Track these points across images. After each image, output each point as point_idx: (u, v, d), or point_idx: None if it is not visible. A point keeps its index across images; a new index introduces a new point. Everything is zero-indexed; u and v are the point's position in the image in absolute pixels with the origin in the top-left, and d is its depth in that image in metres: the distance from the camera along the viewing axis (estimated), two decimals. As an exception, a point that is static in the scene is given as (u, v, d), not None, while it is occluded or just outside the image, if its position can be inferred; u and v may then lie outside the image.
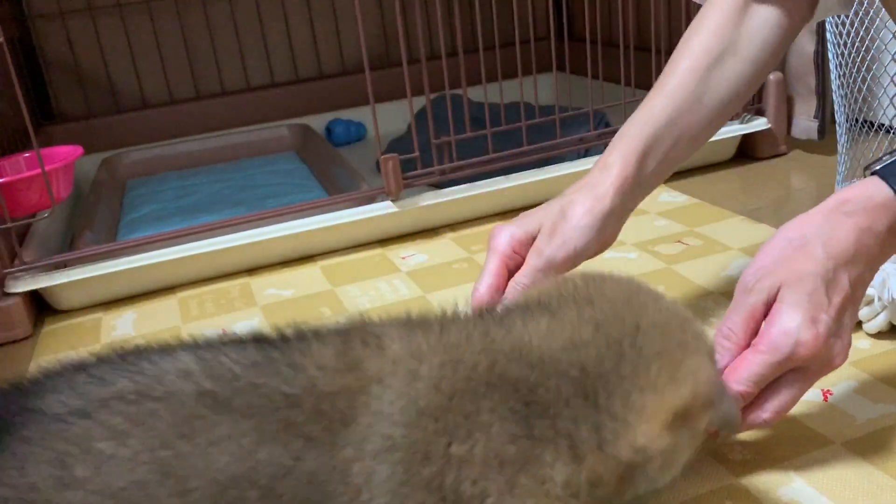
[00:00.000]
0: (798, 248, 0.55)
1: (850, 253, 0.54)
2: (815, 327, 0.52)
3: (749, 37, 0.73)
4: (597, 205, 0.68)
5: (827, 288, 0.53)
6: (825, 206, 0.56)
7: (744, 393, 0.54)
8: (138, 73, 1.63)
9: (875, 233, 0.54)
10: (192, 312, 0.98)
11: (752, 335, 0.55)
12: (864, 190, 0.55)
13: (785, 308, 0.53)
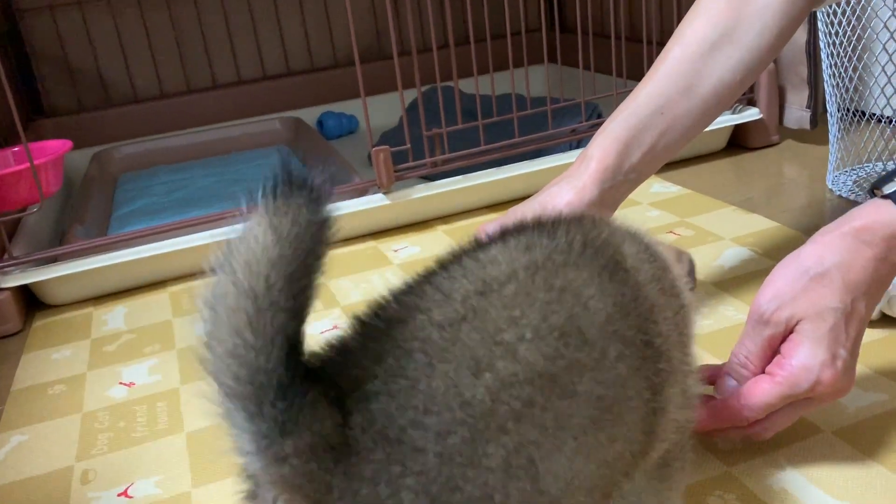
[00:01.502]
0: (816, 280, 0.54)
1: (867, 283, 0.54)
2: (834, 365, 0.53)
3: (749, 23, 0.72)
4: (576, 197, 0.68)
5: (846, 322, 0.54)
6: (842, 232, 0.55)
7: (753, 418, 0.55)
8: (129, 67, 1.62)
9: (890, 262, 0.55)
10: (183, 306, 0.97)
11: (767, 363, 0.56)
12: (880, 217, 0.54)
13: (807, 343, 0.53)
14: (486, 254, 0.42)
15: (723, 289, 0.86)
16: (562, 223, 0.47)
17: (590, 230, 0.48)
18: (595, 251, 0.45)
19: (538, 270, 0.41)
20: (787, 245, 0.94)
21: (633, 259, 0.47)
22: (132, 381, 0.81)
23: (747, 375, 0.57)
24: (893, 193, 0.55)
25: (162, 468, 0.67)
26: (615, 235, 0.49)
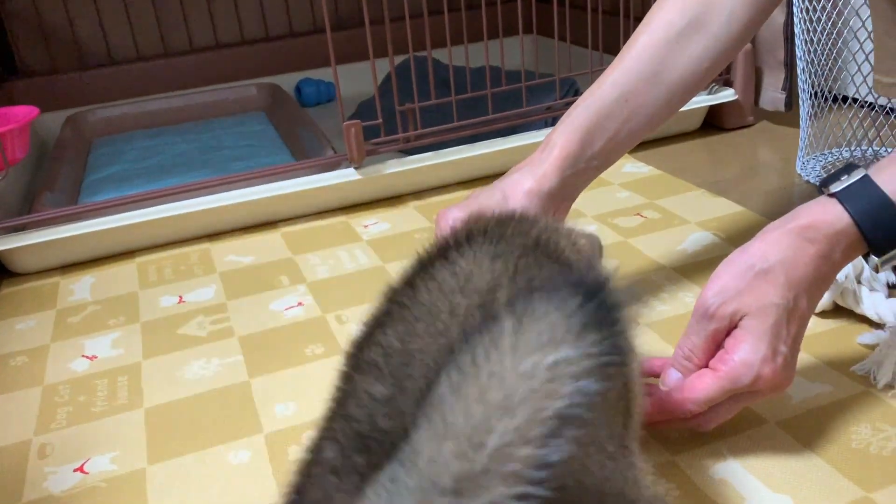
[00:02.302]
0: (761, 276, 0.55)
1: (810, 281, 0.55)
2: (774, 361, 0.54)
3: (717, 11, 0.72)
4: (537, 185, 0.68)
5: (788, 318, 0.55)
6: (787, 229, 0.56)
7: (696, 411, 0.56)
8: (104, 29, 1.60)
9: (832, 260, 0.56)
10: (150, 278, 0.98)
11: (712, 356, 0.57)
12: (825, 216, 0.55)
13: (749, 339, 0.54)
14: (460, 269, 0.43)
15: (683, 274, 0.87)
16: (510, 224, 0.49)
17: (534, 230, 0.50)
18: (547, 251, 0.47)
19: (516, 277, 0.42)
20: (751, 231, 0.94)
21: (570, 254, 0.49)
22: (95, 355, 0.82)
23: (691, 368, 0.58)
24: (839, 192, 0.56)
25: (119, 444, 0.68)
26: (553, 232, 0.51)
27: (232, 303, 0.90)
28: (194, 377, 0.76)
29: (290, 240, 1.05)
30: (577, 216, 1.04)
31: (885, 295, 0.74)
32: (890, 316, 0.72)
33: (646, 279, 0.87)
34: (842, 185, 0.56)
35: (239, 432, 0.68)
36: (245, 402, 0.72)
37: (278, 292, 0.91)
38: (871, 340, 0.71)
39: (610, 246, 0.95)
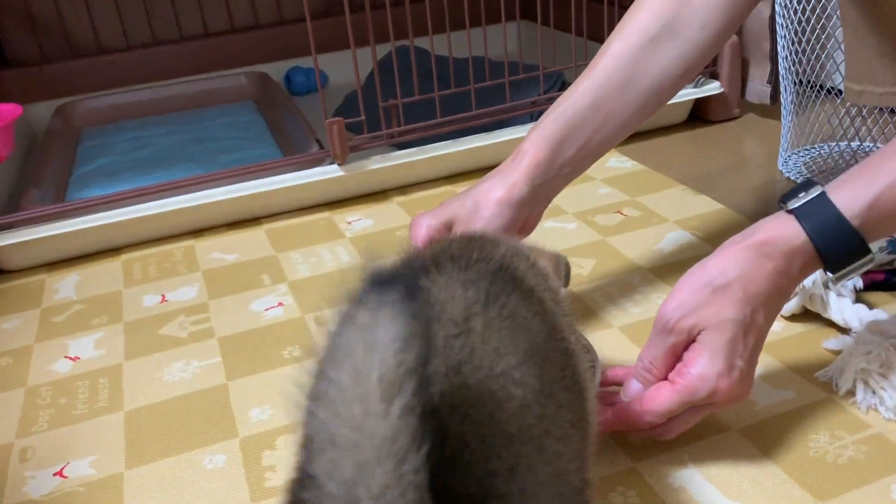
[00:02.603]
0: (719, 291, 0.56)
1: (767, 295, 0.56)
2: (730, 375, 0.55)
3: (691, 17, 0.72)
4: (507, 194, 0.69)
5: (745, 333, 0.56)
6: (746, 245, 0.57)
7: (655, 422, 0.58)
8: (93, 18, 1.60)
9: (790, 275, 0.57)
10: (134, 276, 0.99)
11: (671, 368, 0.58)
12: (782, 232, 0.56)
13: (706, 353, 0.56)
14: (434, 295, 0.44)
15: (658, 275, 0.88)
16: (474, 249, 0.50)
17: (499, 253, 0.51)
18: (508, 275, 0.48)
19: (488, 305, 0.44)
20: (728, 230, 0.96)
21: (531, 277, 0.50)
22: (77, 356, 0.83)
23: (651, 380, 0.59)
24: (796, 209, 0.56)
25: (98, 448, 0.69)
26: (514, 256, 0.52)
27: (213, 302, 0.91)
28: (173, 379, 0.78)
29: (273, 237, 1.06)
30: (559, 213, 1.04)
31: (851, 300, 0.75)
32: (855, 321, 0.73)
33: (622, 280, 0.88)
34: (799, 202, 0.56)
35: (215, 436, 0.69)
36: (222, 405, 0.73)
37: (259, 292, 0.92)
38: (836, 346, 0.72)
39: (589, 244, 0.96)
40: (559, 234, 0.99)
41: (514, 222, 0.71)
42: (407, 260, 0.45)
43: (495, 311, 0.43)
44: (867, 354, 0.66)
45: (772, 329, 0.75)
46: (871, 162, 0.55)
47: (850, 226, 0.54)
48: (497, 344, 0.41)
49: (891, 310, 0.78)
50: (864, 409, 0.65)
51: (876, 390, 0.65)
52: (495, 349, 0.41)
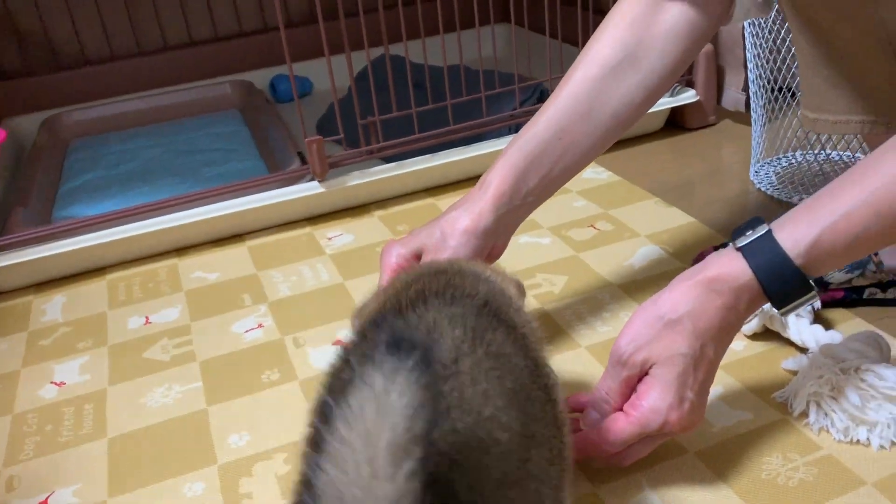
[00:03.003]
0: (670, 326, 0.59)
1: (716, 330, 0.59)
2: (681, 407, 0.58)
3: (650, 46, 0.74)
4: (473, 224, 0.71)
5: (695, 366, 0.58)
6: (696, 280, 0.59)
7: (611, 451, 0.60)
8: (77, 29, 1.61)
9: (738, 311, 0.59)
10: (119, 297, 1.01)
11: (627, 398, 0.61)
12: (731, 269, 0.58)
13: (657, 387, 0.58)
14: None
15: (627, 292, 0.90)
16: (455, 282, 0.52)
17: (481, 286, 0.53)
18: (492, 310, 0.50)
19: (475, 344, 0.45)
20: (698, 244, 0.98)
21: (504, 307, 0.52)
22: (63, 381, 0.86)
23: (609, 410, 0.62)
24: (744, 247, 0.59)
25: (82, 476, 0.72)
26: (489, 287, 0.54)
27: (196, 324, 0.93)
28: (156, 405, 0.80)
29: (255, 254, 1.08)
30: (534, 227, 1.07)
31: (809, 321, 0.77)
32: (812, 342, 0.75)
33: (592, 297, 0.90)
34: (746, 240, 0.59)
35: (194, 464, 0.72)
36: (201, 431, 0.76)
37: (240, 312, 0.95)
38: (793, 366, 0.75)
39: (562, 260, 0.99)
40: (534, 249, 1.02)
41: (480, 251, 0.73)
42: (423, 324, 0.46)
43: (482, 350, 0.44)
44: (819, 378, 0.68)
45: (733, 348, 0.79)
46: (815, 201, 0.58)
47: (794, 265, 0.57)
48: (486, 386, 0.42)
49: (848, 327, 0.80)
50: (816, 430, 0.68)
51: (827, 412, 0.67)
52: (484, 392, 0.42)
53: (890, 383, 0.65)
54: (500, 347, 0.46)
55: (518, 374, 0.45)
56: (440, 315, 0.45)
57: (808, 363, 0.71)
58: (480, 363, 0.43)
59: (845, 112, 0.75)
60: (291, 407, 0.78)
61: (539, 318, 0.88)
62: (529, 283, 0.95)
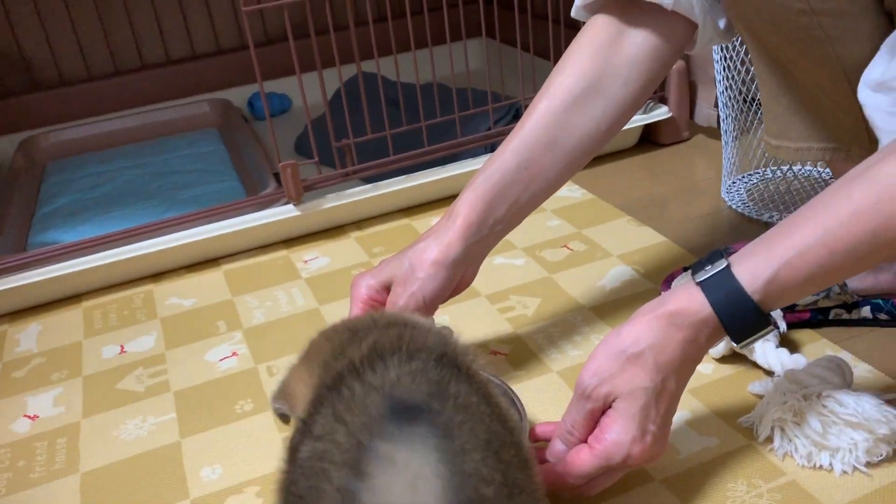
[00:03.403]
0: (632, 360, 0.59)
1: (678, 363, 0.60)
2: (643, 440, 0.59)
3: (613, 75, 0.75)
4: (442, 255, 0.72)
5: (656, 399, 0.59)
6: (657, 314, 0.60)
7: (576, 483, 0.61)
8: (53, 49, 1.61)
9: (698, 344, 0.60)
10: (95, 325, 1.01)
11: (591, 430, 0.62)
12: (691, 304, 0.59)
13: (620, 420, 0.59)
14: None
15: (598, 314, 0.91)
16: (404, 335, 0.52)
17: (426, 337, 0.53)
18: (449, 360, 0.50)
19: (443, 399, 0.45)
20: (669, 264, 0.99)
21: (460, 355, 0.53)
22: (36, 414, 0.86)
23: (574, 442, 0.62)
24: (703, 282, 0.60)
25: (54, 513, 0.72)
26: (438, 337, 0.55)
27: (171, 353, 0.94)
28: (129, 437, 0.80)
29: (231, 278, 1.09)
30: (509, 248, 1.07)
31: (775, 345, 0.78)
32: (777, 366, 0.76)
33: (563, 320, 0.91)
34: (705, 274, 0.60)
35: (167, 499, 0.72)
36: (174, 465, 0.76)
37: (215, 340, 0.95)
38: (759, 390, 0.76)
39: (535, 282, 0.99)
40: (508, 271, 1.02)
41: (449, 281, 0.74)
42: (432, 378, 0.47)
43: (451, 403, 0.45)
44: (783, 404, 0.69)
45: (702, 371, 0.80)
46: (772, 237, 0.59)
47: (751, 300, 0.58)
48: (462, 440, 0.42)
49: (815, 348, 0.82)
50: (780, 455, 0.69)
51: (791, 438, 0.68)
52: (461, 447, 0.42)
53: (850, 410, 0.66)
54: (466, 398, 0.46)
55: (488, 422, 0.46)
56: (402, 372, 0.46)
57: (773, 388, 0.72)
58: (452, 418, 0.44)
59: (806, 139, 0.77)
60: (264, 438, 0.78)
61: (512, 341, 0.89)
62: (503, 305, 0.95)
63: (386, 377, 0.45)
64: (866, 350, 0.80)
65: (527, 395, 0.79)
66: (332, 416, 0.43)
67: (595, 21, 0.76)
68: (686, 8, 0.73)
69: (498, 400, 0.50)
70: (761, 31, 0.72)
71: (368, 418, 0.41)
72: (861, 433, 0.66)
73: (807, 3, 0.66)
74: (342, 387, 0.45)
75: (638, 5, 0.73)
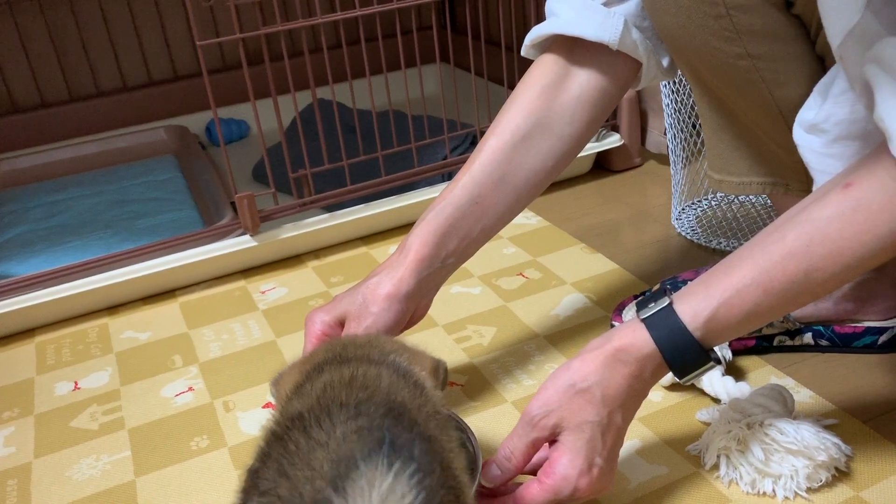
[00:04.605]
0: (580, 394, 0.61)
1: (624, 398, 0.61)
2: (590, 473, 0.60)
3: (560, 114, 0.77)
4: (395, 289, 0.73)
5: (603, 433, 0.61)
6: (604, 350, 0.62)
7: None
8: (5, 76, 1.59)
9: (643, 379, 0.62)
10: (48, 361, 1.00)
11: (529, 459, 0.63)
12: (634, 340, 0.61)
13: (568, 454, 0.61)
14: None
15: (552, 342, 0.93)
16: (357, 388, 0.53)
17: (380, 380, 0.54)
18: (396, 414, 0.51)
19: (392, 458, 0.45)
20: (620, 291, 1.01)
21: (416, 411, 0.53)
22: (-13, 455, 0.84)
23: (509, 468, 0.64)
24: (646, 319, 0.62)
25: (5, 558, 0.71)
26: (392, 384, 0.55)
27: (125, 388, 0.93)
28: (83, 477, 0.80)
29: (187, 311, 1.08)
30: (465, 276, 1.09)
31: (721, 373, 0.80)
32: (723, 394, 0.78)
33: (518, 350, 0.93)
34: (649, 312, 0.62)
35: (120, 540, 0.72)
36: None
37: (170, 375, 0.95)
38: (706, 417, 0.78)
39: (491, 311, 1.01)
40: (465, 299, 1.04)
41: (403, 315, 0.75)
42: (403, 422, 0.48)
43: (398, 462, 0.45)
44: (728, 433, 0.71)
45: (652, 400, 0.82)
46: (712, 276, 0.61)
47: (693, 338, 0.60)
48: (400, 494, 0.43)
49: (760, 374, 0.84)
50: (726, 482, 0.71)
51: (736, 466, 0.70)
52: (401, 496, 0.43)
53: (790, 437, 0.68)
54: (411, 452, 0.47)
55: (428, 476, 0.46)
56: (348, 430, 0.46)
57: (719, 417, 0.74)
58: (399, 476, 0.45)
59: (747, 174, 0.80)
60: (219, 476, 0.78)
61: (468, 372, 0.90)
62: (460, 335, 0.97)
63: (332, 435, 0.46)
64: (808, 376, 0.83)
65: (481, 426, 0.81)
66: (277, 472, 0.44)
67: (543, 60, 0.78)
68: (630, 48, 0.76)
69: (448, 460, 0.51)
70: (702, 72, 0.75)
71: (312, 472, 0.42)
72: (801, 460, 0.68)
73: (743, 48, 0.69)
74: (288, 441, 0.46)
75: (583, 45, 0.76)
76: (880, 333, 0.84)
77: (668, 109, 1.13)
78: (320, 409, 0.50)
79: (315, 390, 0.54)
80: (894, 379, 0.81)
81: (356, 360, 0.58)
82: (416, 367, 0.60)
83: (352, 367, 0.57)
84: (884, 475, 0.70)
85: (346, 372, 0.56)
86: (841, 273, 0.56)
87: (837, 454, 0.69)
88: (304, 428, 0.46)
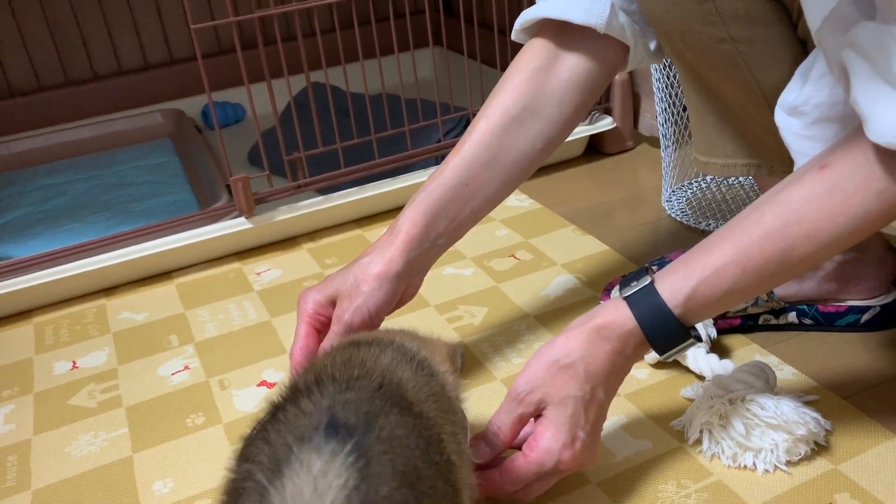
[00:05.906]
0: (564, 370, 0.63)
1: (606, 373, 0.63)
2: (573, 446, 0.62)
3: (548, 97, 0.78)
4: (385, 269, 0.74)
5: (585, 407, 0.63)
6: (587, 327, 0.64)
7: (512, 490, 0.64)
8: (2, 60, 1.59)
9: (625, 355, 0.64)
10: (46, 341, 1.02)
11: (517, 434, 0.65)
12: (618, 317, 0.63)
13: (552, 427, 0.62)
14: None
15: (542, 322, 0.95)
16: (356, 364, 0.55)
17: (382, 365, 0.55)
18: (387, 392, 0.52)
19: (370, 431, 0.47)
20: (610, 272, 1.03)
21: (413, 390, 0.55)
22: (-13, 432, 0.86)
23: (497, 444, 0.65)
24: (628, 297, 0.63)
25: (6, 531, 0.73)
26: (399, 363, 0.57)
27: (123, 367, 0.95)
28: (81, 454, 0.82)
29: (183, 292, 1.10)
30: (458, 258, 1.10)
31: (705, 350, 0.82)
32: (707, 371, 0.80)
33: (509, 329, 0.94)
34: (631, 290, 0.63)
35: (118, 513, 0.74)
36: (126, 479, 0.77)
37: (167, 354, 0.96)
38: (690, 394, 0.80)
39: (483, 291, 1.02)
40: (457, 280, 1.05)
41: (393, 294, 0.76)
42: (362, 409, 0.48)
43: (374, 434, 0.47)
44: (711, 408, 0.73)
45: (637, 377, 0.84)
46: (692, 255, 0.62)
47: (673, 315, 0.61)
48: (379, 469, 0.45)
49: (745, 352, 0.86)
50: (708, 457, 0.73)
51: (718, 440, 0.72)
52: (378, 473, 0.45)
53: (770, 412, 0.70)
54: (392, 430, 0.48)
55: (409, 454, 0.48)
56: (335, 402, 0.48)
57: (702, 393, 0.76)
58: (374, 447, 0.46)
59: (732, 156, 0.81)
60: (215, 451, 0.80)
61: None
62: (452, 315, 0.98)
63: (320, 404, 0.48)
64: (791, 354, 0.85)
65: (472, 403, 0.82)
66: (263, 439, 0.46)
67: (532, 44, 0.79)
68: (617, 31, 0.77)
69: (439, 437, 0.52)
70: (687, 56, 0.76)
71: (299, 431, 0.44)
72: (781, 434, 0.70)
73: (726, 31, 0.70)
74: (278, 411, 0.47)
75: (572, 29, 0.77)
76: (863, 312, 0.86)
77: (658, 93, 1.14)
78: (316, 382, 0.52)
79: (317, 367, 0.55)
80: (874, 356, 0.83)
81: (365, 344, 0.60)
82: (427, 351, 0.62)
83: (359, 352, 0.58)
84: (861, 449, 0.72)
85: (350, 353, 0.58)
86: (817, 252, 0.58)
87: (816, 429, 0.71)
88: (295, 399, 0.48)
